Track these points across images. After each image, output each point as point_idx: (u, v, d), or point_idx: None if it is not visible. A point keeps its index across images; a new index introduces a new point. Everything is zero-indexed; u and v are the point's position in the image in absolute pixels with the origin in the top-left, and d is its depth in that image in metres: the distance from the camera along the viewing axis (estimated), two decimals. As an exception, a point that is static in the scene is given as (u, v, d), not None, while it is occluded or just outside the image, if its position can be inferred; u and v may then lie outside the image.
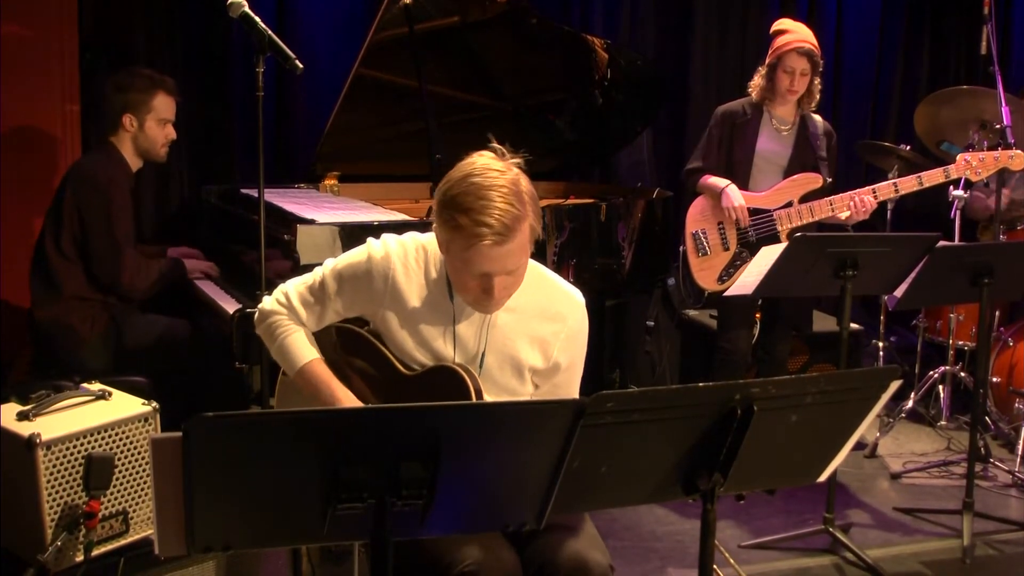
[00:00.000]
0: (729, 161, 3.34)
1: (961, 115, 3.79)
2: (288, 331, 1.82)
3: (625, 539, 2.92)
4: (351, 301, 1.81)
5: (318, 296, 1.82)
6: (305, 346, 1.82)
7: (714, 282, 3.31)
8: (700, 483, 1.43)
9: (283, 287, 1.86)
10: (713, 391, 1.36)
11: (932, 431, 3.94)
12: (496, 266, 1.63)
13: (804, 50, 3.17)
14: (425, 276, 1.78)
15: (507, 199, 1.59)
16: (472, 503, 1.35)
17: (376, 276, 1.76)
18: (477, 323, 1.78)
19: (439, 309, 1.78)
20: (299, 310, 1.83)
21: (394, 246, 1.79)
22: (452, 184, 1.64)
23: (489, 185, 1.60)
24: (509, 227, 1.59)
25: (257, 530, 1.29)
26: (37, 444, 2.05)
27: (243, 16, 2.28)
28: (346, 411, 1.40)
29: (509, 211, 1.59)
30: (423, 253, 1.79)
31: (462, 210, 1.60)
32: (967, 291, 2.79)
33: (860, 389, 1.48)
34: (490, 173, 1.62)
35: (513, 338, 1.79)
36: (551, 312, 1.80)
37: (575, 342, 1.83)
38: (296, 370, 1.81)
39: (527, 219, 1.62)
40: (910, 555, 2.91)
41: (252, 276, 2.62)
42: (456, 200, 1.61)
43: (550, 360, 1.81)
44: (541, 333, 1.80)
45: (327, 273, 1.82)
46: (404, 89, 3.36)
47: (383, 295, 1.77)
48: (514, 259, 1.64)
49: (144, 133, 2.95)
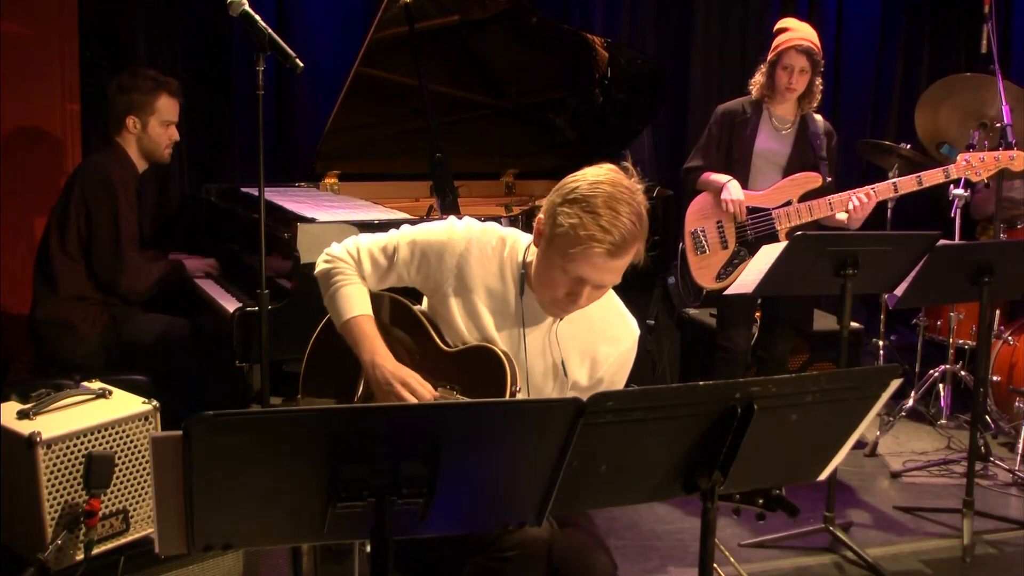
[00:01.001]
0: (728, 160, 3.34)
1: (961, 112, 3.79)
2: (348, 280, 1.84)
3: (626, 538, 2.92)
4: (418, 273, 1.83)
5: (389, 258, 1.84)
6: (361, 299, 1.83)
7: (712, 280, 3.31)
8: (700, 482, 1.42)
9: (355, 239, 1.88)
10: (713, 390, 1.36)
11: (932, 430, 3.94)
12: (596, 276, 1.66)
13: (803, 48, 3.17)
14: (499, 268, 1.80)
15: (632, 217, 1.63)
16: (472, 502, 1.35)
17: (449, 255, 1.78)
18: (544, 331, 1.80)
19: (505, 305, 1.79)
20: (366, 265, 1.84)
21: (476, 231, 1.81)
22: (582, 184, 1.65)
23: (621, 199, 1.63)
24: (627, 242, 1.62)
25: (257, 529, 1.29)
26: (37, 443, 2.06)
27: (243, 15, 2.27)
28: (346, 409, 1.40)
29: (632, 229, 1.62)
30: (501, 245, 1.81)
31: (589, 211, 1.61)
32: (967, 290, 2.79)
33: (860, 388, 1.48)
34: (622, 187, 1.65)
35: (569, 350, 1.81)
36: (609, 334, 1.83)
37: (622, 367, 1.86)
38: (344, 319, 1.82)
39: (640, 241, 1.66)
40: (910, 554, 2.91)
41: (252, 275, 2.62)
42: (585, 199, 1.63)
43: (595, 379, 1.83)
44: (595, 351, 1.82)
45: (402, 239, 1.83)
46: (404, 88, 3.36)
47: (451, 274, 1.78)
48: (613, 275, 1.68)
49: (147, 135, 2.96)
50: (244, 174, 3.70)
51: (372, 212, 3.04)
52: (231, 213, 3.30)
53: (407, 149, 3.54)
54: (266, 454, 1.20)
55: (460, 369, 1.79)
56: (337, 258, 1.86)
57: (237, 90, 3.78)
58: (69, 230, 2.86)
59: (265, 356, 2.36)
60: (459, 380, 1.78)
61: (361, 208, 3.12)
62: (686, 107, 4.61)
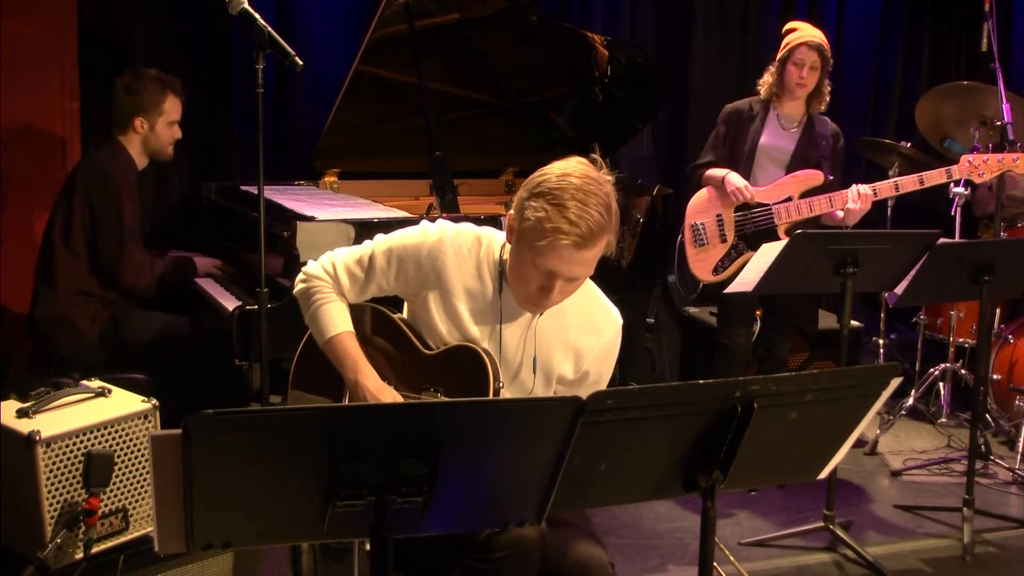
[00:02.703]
0: (732, 155, 3.35)
1: (962, 112, 3.78)
2: (327, 298, 1.83)
3: (625, 536, 2.92)
4: (397, 280, 1.82)
5: (365, 270, 1.83)
6: (341, 317, 1.83)
7: (709, 273, 3.32)
8: (700, 480, 1.42)
9: (331, 255, 1.88)
10: (713, 388, 1.36)
11: (932, 428, 3.94)
12: (565, 268, 1.65)
13: (814, 44, 3.21)
14: (476, 267, 1.79)
15: (600, 208, 1.62)
16: (472, 500, 1.34)
17: (426, 259, 1.78)
18: (523, 326, 1.80)
19: (485, 303, 1.79)
20: (343, 280, 1.84)
21: (450, 232, 1.80)
22: (548, 178, 1.65)
23: (588, 190, 1.62)
24: (594, 234, 1.61)
25: (257, 527, 1.29)
26: (37, 441, 2.05)
27: (243, 12, 2.27)
28: (346, 408, 1.39)
29: (599, 220, 1.61)
30: (477, 244, 1.80)
31: (555, 204, 1.61)
32: (967, 288, 2.78)
33: (860, 386, 1.47)
34: (590, 179, 1.64)
35: (551, 345, 1.81)
36: (591, 325, 1.83)
37: (607, 358, 1.85)
38: (326, 339, 1.82)
39: (609, 233, 1.65)
40: (910, 552, 2.90)
41: (252, 273, 2.61)
42: (552, 193, 1.62)
43: (580, 371, 1.83)
44: (578, 344, 1.82)
45: (377, 249, 1.83)
46: (404, 86, 3.35)
47: (429, 278, 1.78)
48: (583, 267, 1.66)
49: (155, 134, 2.99)
50: (244, 172, 3.69)
51: (372, 210, 3.04)
52: (230, 211, 3.30)
53: (407, 147, 3.53)
54: (266, 453, 1.19)
55: (442, 371, 1.79)
56: (314, 276, 1.85)
57: (236, 88, 3.78)
58: (74, 225, 2.87)
59: (264, 354, 2.36)
60: (442, 382, 1.79)
61: (361, 206, 3.11)
62: (686, 105, 4.60)
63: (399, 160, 3.72)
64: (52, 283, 2.88)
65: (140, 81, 2.98)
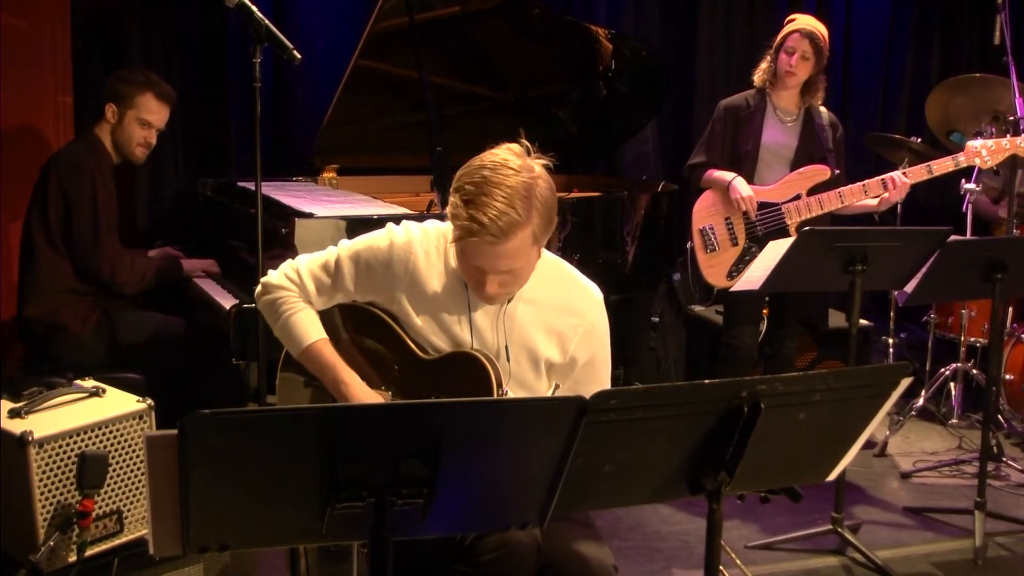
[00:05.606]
0: (735, 155, 3.31)
1: (974, 105, 3.74)
2: (295, 308, 1.80)
3: (630, 539, 2.89)
4: (366, 285, 1.79)
5: (332, 276, 1.79)
6: (312, 325, 1.79)
7: (723, 279, 3.28)
8: (706, 482, 1.40)
9: (293, 262, 1.83)
10: (719, 388, 1.34)
11: (943, 429, 3.90)
12: (487, 264, 1.61)
13: (807, 31, 3.17)
14: (444, 264, 1.77)
15: (510, 201, 1.56)
16: (473, 502, 1.33)
17: (396, 262, 1.75)
18: (493, 313, 1.77)
19: (457, 297, 1.76)
20: (309, 287, 1.80)
21: (417, 233, 1.77)
22: (465, 172, 1.62)
23: (497, 182, 1.57)
24: (503, 230, 1.56)
25: (254, 529, 1.28)
26: (29, 442, 2.04)
27: (240, 5, 2.25)
28: (345, 408, 1.37)
29: (507, 214, 1.56)
30: (443, 241, 1.78)
31: (465, 200, 1.57)
32: (979, 286, 2.75)
33: (870, 386, 1.45)
34: (503, 170, 1.58)
35: (530, 329, 1.77)
36: (568, 306, 1.78)
37: (593, 337, 1.80)
38: (302, 349, 1.78)
39: (528, 226, 1.58)
40: (920, 556, 2.87)
41: (249, 271, 2.58)
42: (463, 189, 1.59)
43: (567, 354, 1.79)
44: (558, 326, 1.78)
45: (343, 254, 1.79)
46: (404, 80, 3.33)
47: (402, 281, 1.75)
48: (507, 261, 1.61)
49: (121, 126, 2.93)
50: (241, 168, 3.67)
51: (371, 207, 3.00)
52: (227, 208, 3.28)
53: (407, 143, 3.50)
54: (263, 453, 1.19)
55: (441, 378, 1.75)
56: (277, 287, 1.81)
57: (233, 82, 3.76)
58: (50, 219, 2.83)
59: (262, 354, 2.34)
60: (441, 389, 1.74)
61: (360, 203, 3.08)
62: (691, 100, 4.58)
63: (399, 156, 3.70)
64: (35, 282, 2.85)
65: (129, 73, 2.96)
